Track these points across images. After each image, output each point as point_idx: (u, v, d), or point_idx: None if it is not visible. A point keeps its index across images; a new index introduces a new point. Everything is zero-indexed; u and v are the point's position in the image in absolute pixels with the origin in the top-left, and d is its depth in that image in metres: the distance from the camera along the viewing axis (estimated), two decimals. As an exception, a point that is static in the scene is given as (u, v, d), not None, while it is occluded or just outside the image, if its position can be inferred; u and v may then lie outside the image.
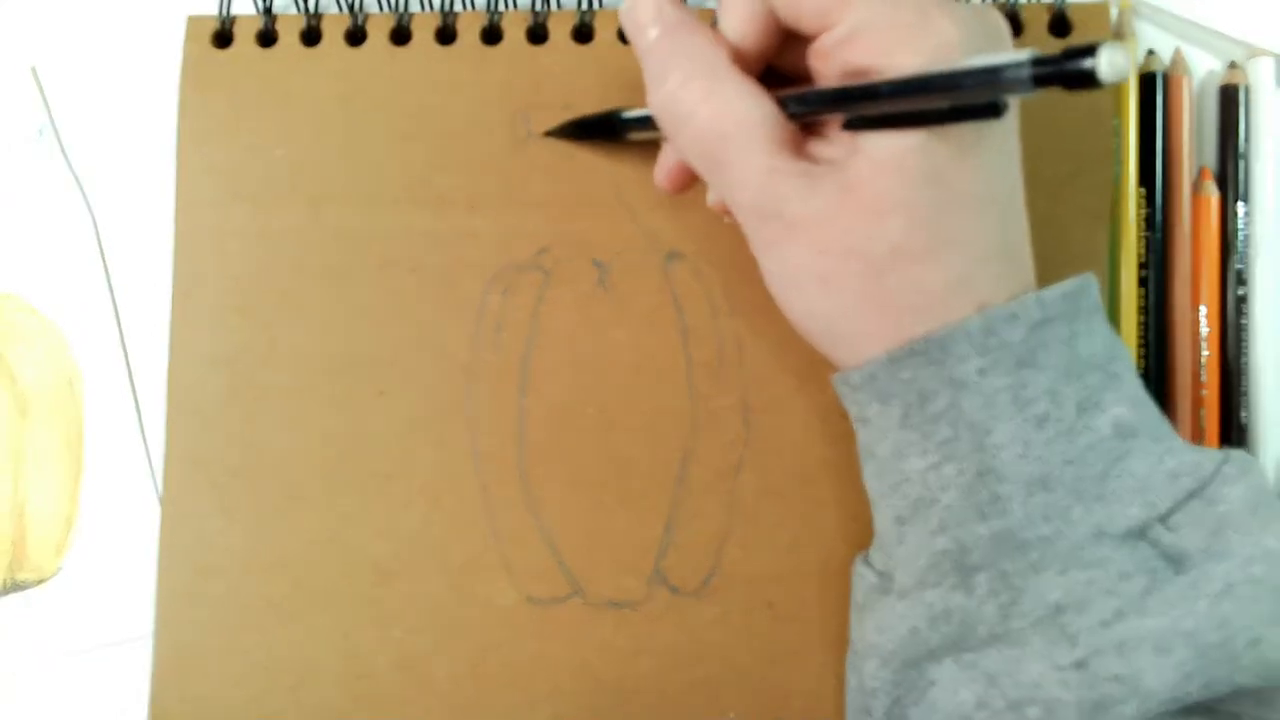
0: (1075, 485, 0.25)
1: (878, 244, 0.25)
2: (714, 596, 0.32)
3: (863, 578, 0.29)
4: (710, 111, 0.26)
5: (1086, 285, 0.26)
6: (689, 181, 0.30)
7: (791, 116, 0.26)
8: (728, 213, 0.29)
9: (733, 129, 0.26)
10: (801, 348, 0.33)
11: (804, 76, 0.27)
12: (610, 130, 0.32)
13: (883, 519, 0.28)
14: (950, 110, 0.23)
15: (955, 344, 0.25)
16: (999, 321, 0.25)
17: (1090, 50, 0.20)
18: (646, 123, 0.30)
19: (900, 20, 0.24)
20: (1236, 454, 0.26)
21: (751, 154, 0.26)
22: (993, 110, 0.23)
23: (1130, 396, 0.26)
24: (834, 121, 0.26)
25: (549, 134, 0.33)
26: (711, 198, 0.30)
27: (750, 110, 0.26)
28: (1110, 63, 0.20)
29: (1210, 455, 0.26)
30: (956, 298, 0.25)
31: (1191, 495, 0.25)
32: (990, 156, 0.25)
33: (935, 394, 0.25)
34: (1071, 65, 0.21)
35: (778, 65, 0.28)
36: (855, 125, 0.25)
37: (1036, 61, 0.21)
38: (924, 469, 0.26)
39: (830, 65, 0.25)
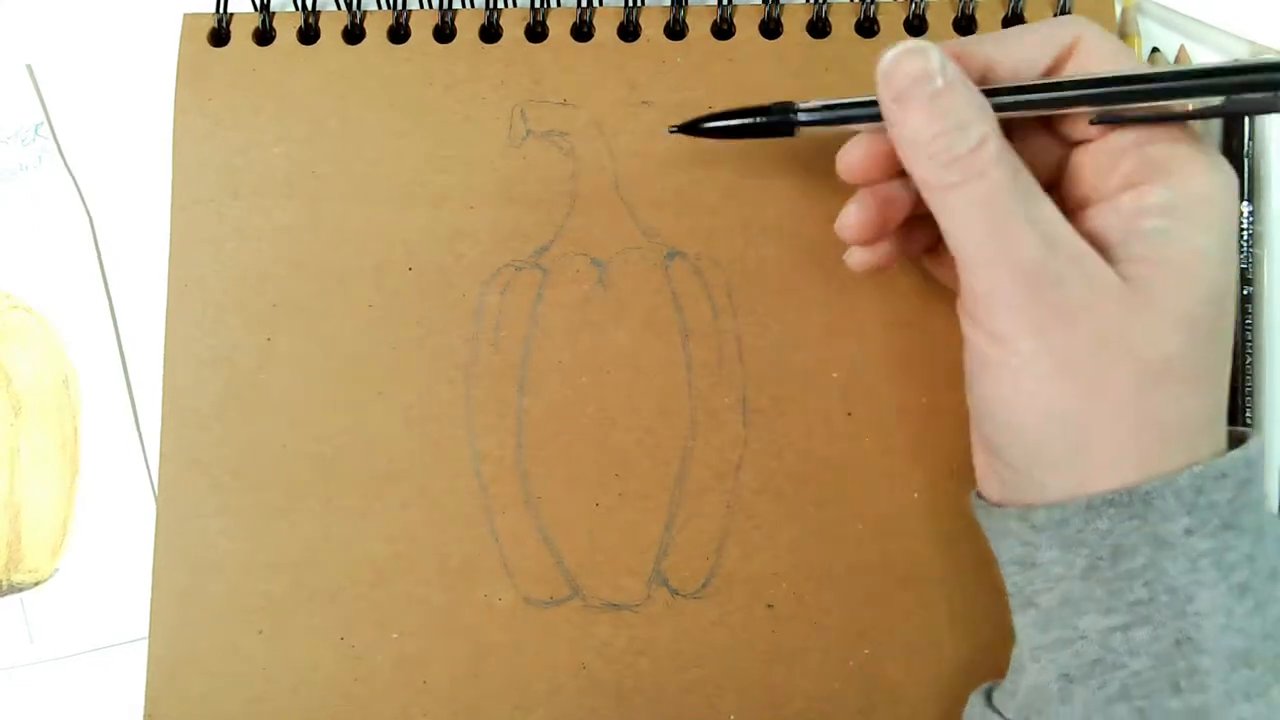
0: (1274, 662, 0.23)
1: (1154, 351, 0.23)
2: (714, 598, 0.32)
3: None
4: (1001, 172, 0.24)
5: (1262, 445, 0.25)
6: (887, 174, 0.28)
7: (1044, 103, 0.26)
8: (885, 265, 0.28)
9: (1030, 189, 0.24)
10: (801, 348, 0.33)
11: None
12: (774, 128, 0.29)
13: (1041, 673, 0.25)
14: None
15: (1162, 499, 0.23)
16: (1210, 480, 0.23)
17: None
18: (839, 113, 0.28)
19: None
20: None
21: (1044, 221, 0.24)
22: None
23: None
24: (1093, 229, 0.25)
25: (676, 130, 0.30)
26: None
27: (1039, 186, 0.25)
28: None
29: None
30: (1203, 436, 0.24)
31: None
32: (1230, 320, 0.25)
33: (1133, 550, 0.23)
34: None
35: None
36: (1107, 119, 0.25)
37: None
38: (1107, 629, 0.24)
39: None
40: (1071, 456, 0.24)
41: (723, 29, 0.33)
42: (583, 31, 0.34)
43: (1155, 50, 0.34)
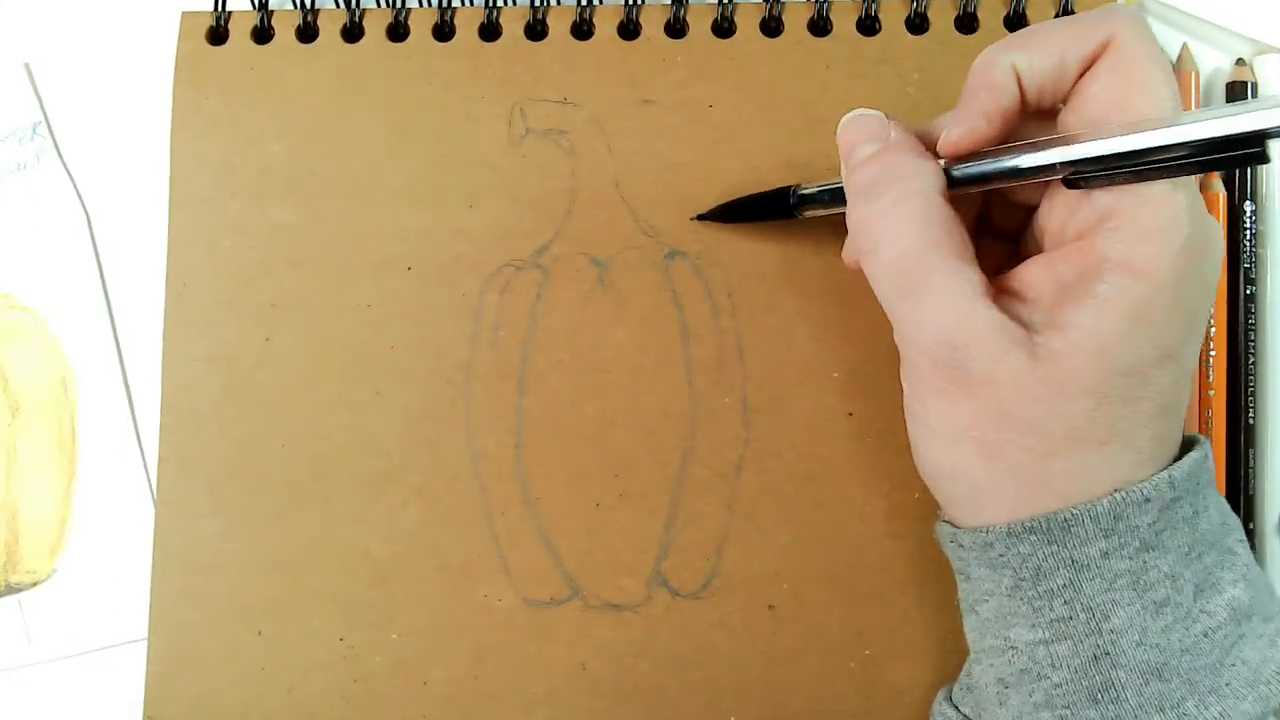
0: (1190, 675, 0.24)
1: (1058, 424, 0.24)
2: (714, 599, 0.32)
3: (947, 719, 0.28)
4: (918, 238, 0.25)
5: (1206, 455, 0.25)
6: None
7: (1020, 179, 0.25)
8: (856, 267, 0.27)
9: (938, 262, 0.24)
10: (801, 347, 0.32)
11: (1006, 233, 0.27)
12: (777, 209, 0.30)
13: (983, 674, 0.27)
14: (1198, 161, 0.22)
15: (1080, 525, 0.24)
16: (1131, 506, 0.24)
17: None
18: (828, 200, 0.29)
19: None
20: None
21: (951, 293, 0.24)
22: (1260, 157, 0.22)
23: (1245, 571, 0.25)
24: (1033, 281, 0.25)
25: (701, 218, 0.32)
26: (848, 256, 0.29)
27: (958, 248, 0.25)
28: None
29: None
30: (1105, 488, 0.24)
31: None
32: (1187, 361, 0.24)
33: (1053, 572, 0.24)
34: None
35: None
36: (1078, 182, 0.24)
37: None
38: (1033, 642, 0.25)
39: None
40: (977, 510, 0.26)
41: (723, 27, 0.33)
42: (583, 30, 0.34)
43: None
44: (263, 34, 0.34)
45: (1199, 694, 0.24)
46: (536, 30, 0.34)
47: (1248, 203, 0.33)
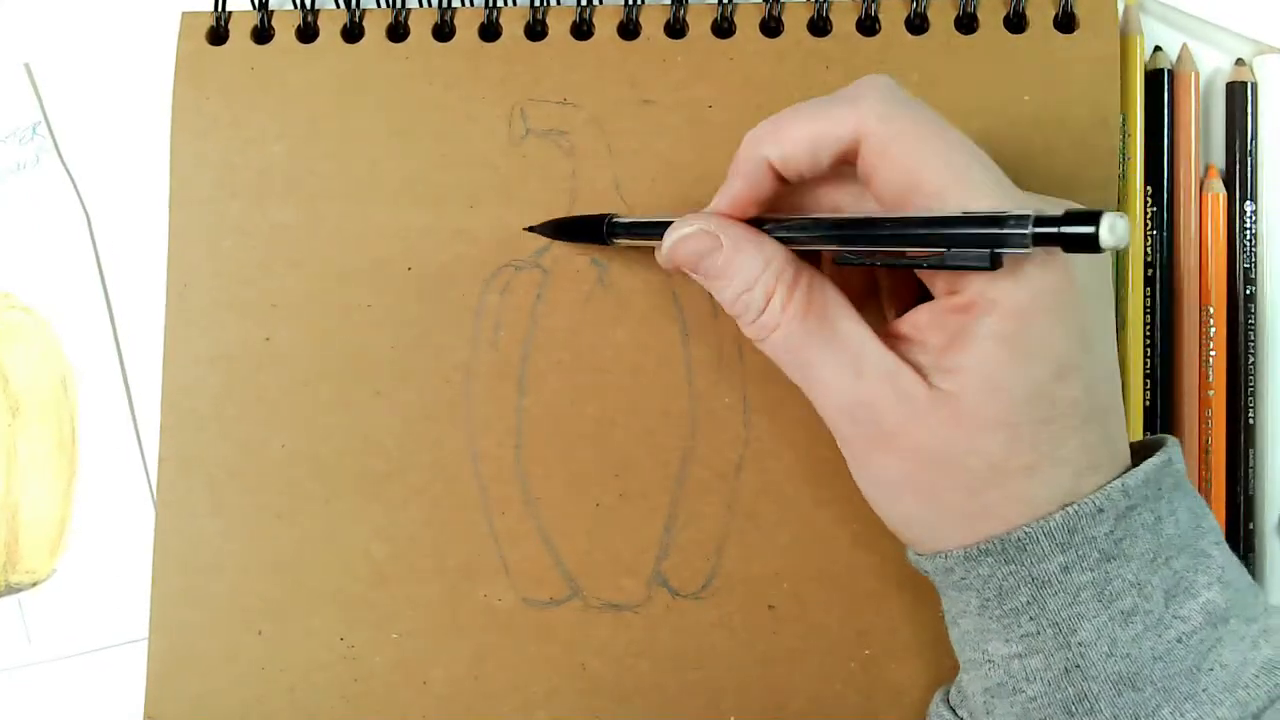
0: (1165, 683, 0.24)
1: (978, 460, 0.24)
2: (714, 599, 0.32)
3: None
4: (792, 321, 0.25)
5: (1170, 459, 0.25)
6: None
7: (784, 241, 0.26)
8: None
9: (818, 332, 0.25)
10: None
11: None
12: (597, 234, 0.31)
13: (970, 684, 0.27)
14: (942, 260, 0.23)
15: (1034, 543, 0.24)
16: (1084, 519, 0.24)
17: (1093, 218, 0.20)
18: (640, 231, 0.30)
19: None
20: None
21: (840, 357, 0.25)
22: (994, 263, 0.22)
23: (1220, 573, 0.25)
24: (923, 324, 0.25)
25: (531, 230, 0.33)
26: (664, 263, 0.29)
27: (833, 310, 0.25)
28: (1111, 230, 0.20)
29: None
30: (1053, 504, 0.24)
31: None
32: (1096, 368, 0.24)
33: (1014, 590, 0.24)
34: (1071, 230, 0.20)
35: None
36: (846, 261, 0.25)
37: (1039, 220, 0.21)
38: (1007, 656, 0.25)
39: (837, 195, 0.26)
40: (934, 541, 0.26)
41: (723, 27, 0.33)
42: (582, 30, 0.34)
43: (1158, 49, 0.34)
44: (263, 34, 0.34)
45: (1174, 701, 0.24)
46: (536, 30, 0.34)
47: (1248, 203, 0.33)
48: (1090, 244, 0.20)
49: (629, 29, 0.33)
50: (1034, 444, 0.24)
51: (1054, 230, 0.21)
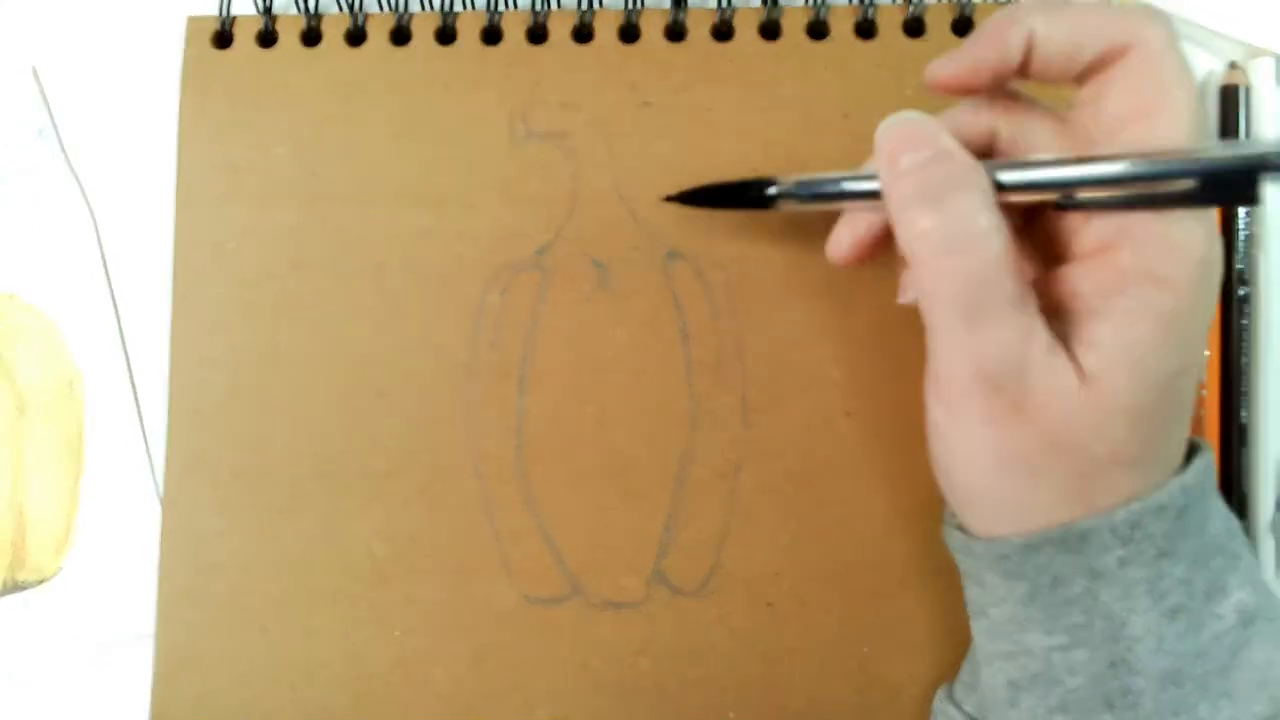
0: (1203, 680, 0.24)
1: (1103, 448, 0.23)
2: (714, 597, 0.32)
3: (949, 718, 0.28)
4: (989, 254, 0.23)
5: (1210, 460, 0.25)
6: (873, 255, 0.28)
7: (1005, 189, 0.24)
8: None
9: (1009, 281, 0.23)
10: (801, 348, 0.33)
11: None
12: (748, 199, 0.30)
13: (992, 677, 0.27)
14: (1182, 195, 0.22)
15: (1098, 535, 0.24)
16: (1148, 514, 0.24)
17: None
18: (822, 191, 0.28)
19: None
20: None
21: (1019, 316, 0.23)
22: (1250, 198, 0.22)
23: (1249, 574, 0.25)
24: (1053, 295, 0.24)
25: (670, 199, 0.31)
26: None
27: (1017, 264, 0.23)
28: None
29: None
30: (1124, 497, 0.24)
31: None
32: (1200, 371, 0.24)
33: (1070, 580, 0.24)
34: None
35: None
36: (1067, 205, 0.23)
37: None
38: (1049, 648, 0.25)
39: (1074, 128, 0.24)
40: (1007, 521, 0.25)
41: (722, 31, 0.34)
42: (583, 33, 0.34)
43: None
44: (267, 38, 0.35)
45: (1211, 697, 0.24)
46: (538, 34, 0.34)
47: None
48: None
49: (629, 32, 0.34)
50: (1149, 435, 0.23)
51: None
